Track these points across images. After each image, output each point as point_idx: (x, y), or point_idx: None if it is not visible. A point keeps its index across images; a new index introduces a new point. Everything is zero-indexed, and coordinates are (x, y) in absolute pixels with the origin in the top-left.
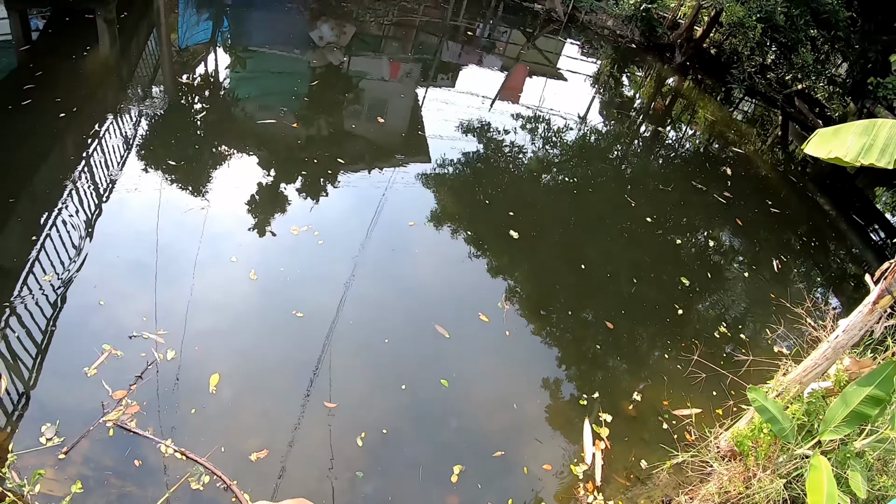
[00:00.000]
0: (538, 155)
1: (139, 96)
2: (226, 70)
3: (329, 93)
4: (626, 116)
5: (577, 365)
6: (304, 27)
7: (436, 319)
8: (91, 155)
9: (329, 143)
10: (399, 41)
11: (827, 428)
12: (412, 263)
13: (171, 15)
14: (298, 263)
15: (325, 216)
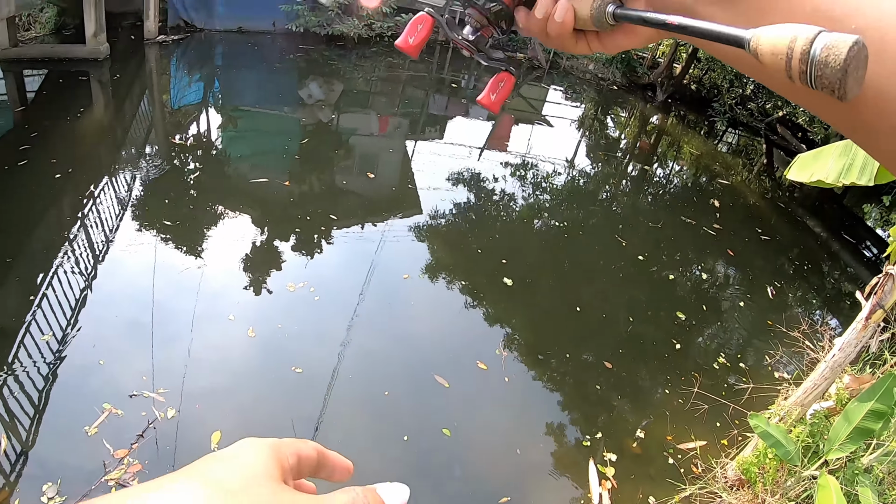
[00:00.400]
0: (529, 201)
1: (133, 157)
2: (218, 129)
3: (320, 149)
4: (613, 157)
5: (579, 406)
6: (294, 86)
7: (434, 370)
8: (87, 215)
9: (321, 199)
10: (386, 96)
11: (832, 447)
12: (409, 315)
13: (164, 76)
14: (296, 320)
15: (320, 272)
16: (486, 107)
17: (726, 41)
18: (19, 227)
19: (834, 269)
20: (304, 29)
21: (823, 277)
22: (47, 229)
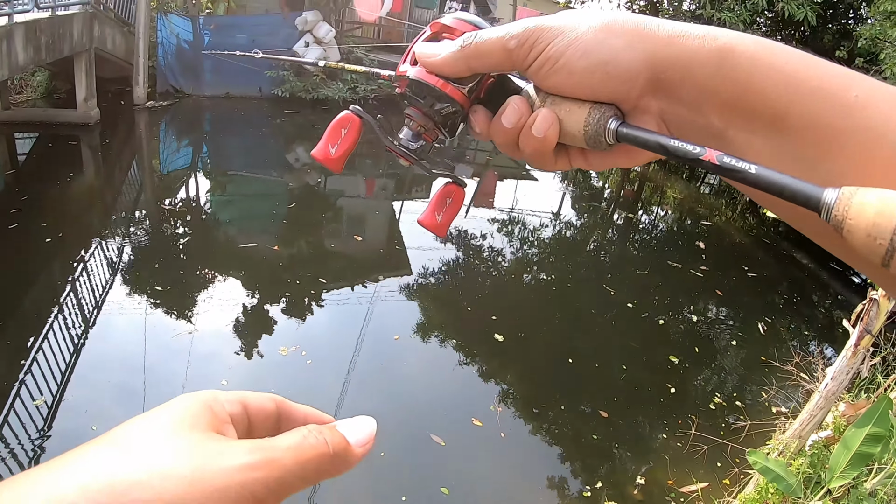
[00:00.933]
0: (517, 256)
1: (124, 221)
2: (206, 194)
3: (308, 213)
4: (598, 207)
5: (577, 457)
6: (281, 150)
7: (430, 428)
8: (77, 279)
9: (310, 263)
10: (372, 158)
11: (833, 475)
12: (401, 375)
13: (153, 141)
14: (289, 383)
15: (311, 335)
16: (431, 230)
17: (790, 197)
18: (10, 290)
19: (824, 298)
20: (290, 94)
21: (814, 308)
22: (38, 293)
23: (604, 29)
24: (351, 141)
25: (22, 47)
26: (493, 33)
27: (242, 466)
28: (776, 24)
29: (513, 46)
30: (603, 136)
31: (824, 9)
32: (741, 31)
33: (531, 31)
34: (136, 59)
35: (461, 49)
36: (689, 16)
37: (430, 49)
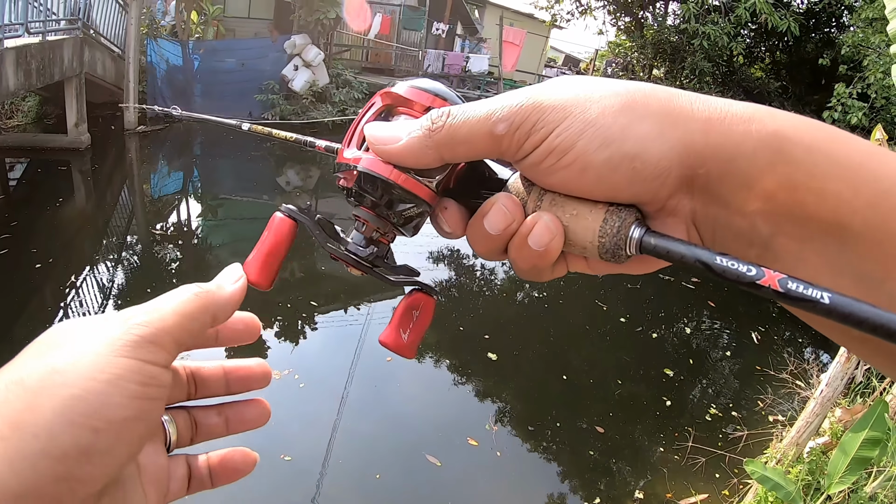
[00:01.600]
0: (509, 274)
1: (115, 246)
2: (198, 218)
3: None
4: None
5: (574, 474)
6: (271, 173)
7: (425, 449)
8: (69, 304)
9: (302, 285)
10: None
11: (832, 481)
12: (396, 396)
13: (144, 166)
14: (283, 407)
15: (304, 358)
16: (395, 352)
17: (887, 335)
18: (1, 317)
19: None
20: (280, 117)
21: None
22: (30, 319)
23: (625, 109)
24: (278, 255)
25: (12, 72)
26: (472, 112)
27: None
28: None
29: (502, 132)
30: (623, 249)
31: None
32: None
33: (526, 110)
34: (127, 83)
35: (429, 134)
36: (674, 30)
37: (386, 132)
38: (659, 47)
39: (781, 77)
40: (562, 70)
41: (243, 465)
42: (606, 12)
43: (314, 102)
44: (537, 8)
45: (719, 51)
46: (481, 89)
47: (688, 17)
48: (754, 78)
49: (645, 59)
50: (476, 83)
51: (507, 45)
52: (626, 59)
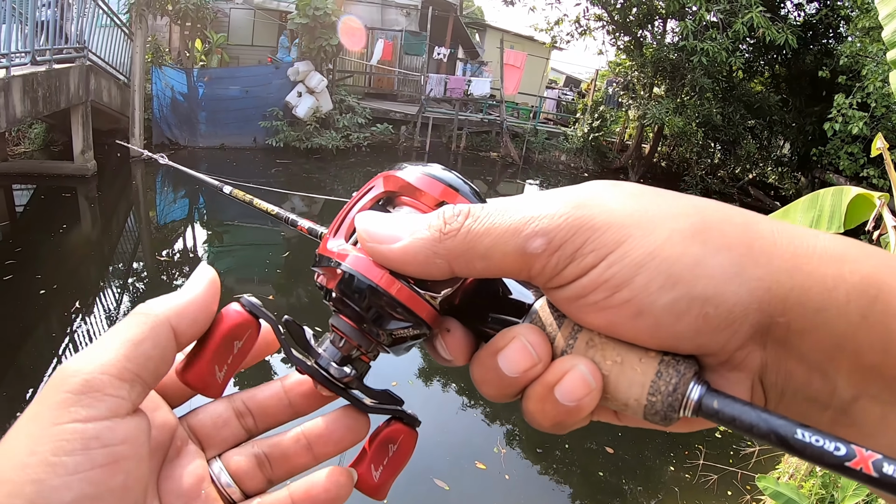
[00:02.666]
0: None
1: (121, 273)
2: (204, 245)
3: (304, 261)
4: None
5: (585, 495)
6: (277, 200)
7: (433, 473)
8: (75, 331)
9: (307, 310)
10: None
11: (846, 494)
12: None
13: (149, 193)
14: None
15: None
16: (365, 492)
17: None
18: (8, 342)
19: None
20: (284, 143)
21: None
22: (36, 345)
23: (697, 236)
24: (244, 357)
25: (19, 100)
26: (499, 217)
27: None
28: (758, 49)
29: (537, 251)
30: (677, 411)
31: (804, 31)
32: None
33: (573, 226)
34: (132, 111)
35: (440, 237)
36: (673, 48)
37: (383, 227)
38: (659, 65)
39: (781, 90)
40: (563, 91)
41: (337, 490)
42: (605, 32)
43: (318, 128)
44: (537, 30)
45: (718, 66)
46: (484, 112)
47: (686, 34)
48: (754, 92)
49: (645, 78)
50: (479, 106)
51: (508, 68)
52: (626, 79)
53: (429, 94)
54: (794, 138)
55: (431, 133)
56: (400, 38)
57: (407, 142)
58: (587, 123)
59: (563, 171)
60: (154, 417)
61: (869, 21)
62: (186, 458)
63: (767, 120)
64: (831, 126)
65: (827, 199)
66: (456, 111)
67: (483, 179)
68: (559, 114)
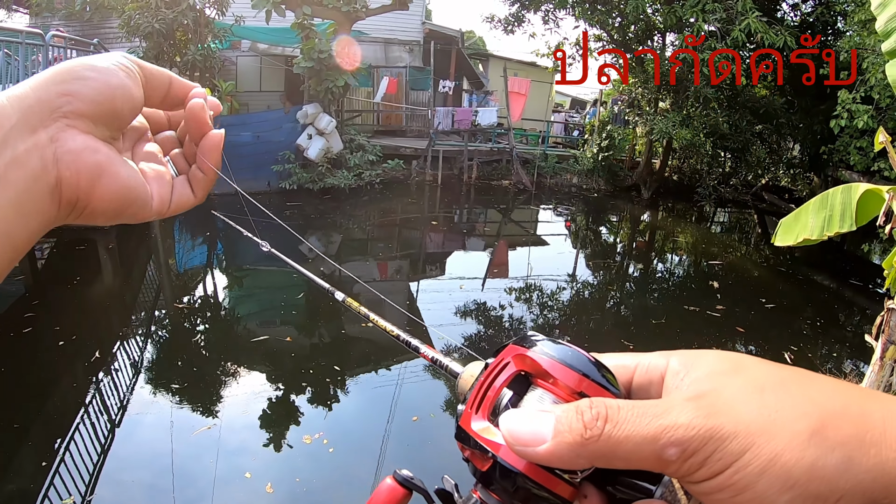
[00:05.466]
0: (537, 322)
1: (143, 321)
2: (225, 290)
3: (327, 301)
4: (612, 262)
5: None
6: (295, 241)
7: None
8: (101, 381)
9: (328, 350)
10: (384, 241)
11: None
12: (425, 454)
13: (168, 241)
14: (314, 472)
15: (333, 422)
16: None
17: None
18: (29, 393)
19: (851, 315)
20: (298, 185)
21: (841, 327)
22: (60, 395)
23: (814, 438)
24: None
25: None
26: (637, 425)
27: None
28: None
29: (672, 458)
30: None
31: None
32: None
33: (704, 436)
34: None
35: (583, 443)
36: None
37: (528, 430)
38: (661, 79)
39: (786, 92)
40: (569, 114)
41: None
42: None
43: (330, 169)
44: (539, 56)
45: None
46: (493, 141)
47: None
48: (759, 97)
49: (650, 94)
50: (487, 135)
51: (513, 96)
52: (630, 96)
53: (437, 127)
54: (803, 139)
55: (442, 165)
56: (405, 73)
57: (419, 176)
58: (596, 144)
59: (576, 193)
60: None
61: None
62: (150, 142)
63: (775, 123)
64: (837, 123)
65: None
66: (465, 142)
67: (497, 208)
68: (567, 137)
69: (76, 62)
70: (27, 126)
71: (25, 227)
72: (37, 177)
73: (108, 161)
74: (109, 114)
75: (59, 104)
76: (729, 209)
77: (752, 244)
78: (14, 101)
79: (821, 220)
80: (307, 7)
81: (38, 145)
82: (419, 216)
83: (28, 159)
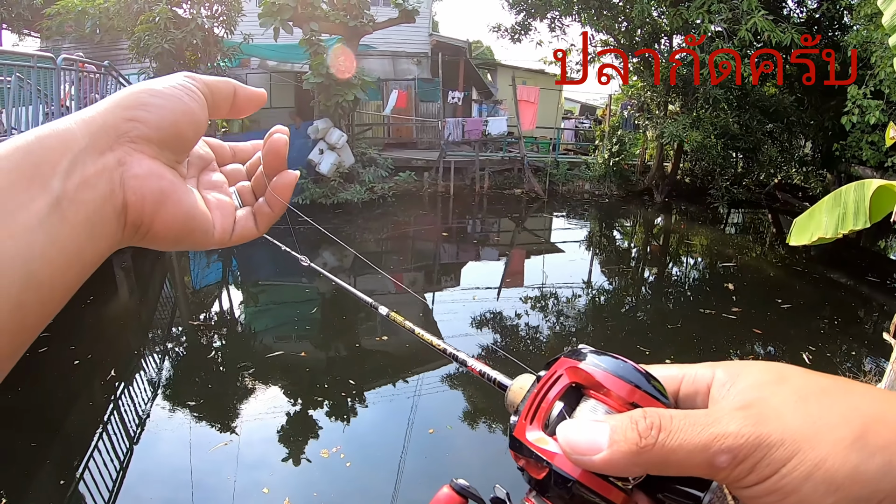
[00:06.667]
0: (553, 330)
1: (160, 339)
2: (240, 306)
3: (340, 315)
4: (627, 268)
5: None
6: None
7: None
8: (118, 398)
9: (343, 364)
10: (398, 254)
11: None
12: (449, 464)
13: (183, 258)
14: (331, 485)
15: (350, 436)
16: None
17: None
18: (46, 411)
19: (869, 312)
20: (311, 201)
21: (860, 325)
22: (78, 414)
23: (856, 443)
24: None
25: None
26: (689, 434)
27: None
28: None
29: (723, 464)
30: None
31: (808, 27)
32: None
33: (752, 444)
34: None
35: (638, 452)
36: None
37: (584, 440)
38: (661, 79)
39: (795, 90)
40: (579, 120)
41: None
42: (613, 56)
43: (342, 183)
44: (546, 63)
45: (730, 75)
46: (503, 150)
47: (692, 48)
48: (769, 96)
49: (658, 97)
50: (498, 145)
51: (522, 104)
52: (640, 100)
53: (447, 138)
54: (815, 136)
55: (454, 176)
56: (414, 86)
57: (431, 187)
58: (607, 149)
59: (589, 199)
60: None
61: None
62: (216, 172)
63: (785, 122)
64: (849, 119)
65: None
66: (476, 152)
67: (510, 217)
68: (578, 143)
69: (141, 87)
70: (96, 149)
71: (95, 248)
72: (105, 199)
73: (172, 187)
74: (174, 138)
75: (126, 129)
76: (742, 210)
77: (767, 244)
78: (82, 124)
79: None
80: (314, 23)
81: (107, 168)
82: (432, 227)
83: (97, 182)
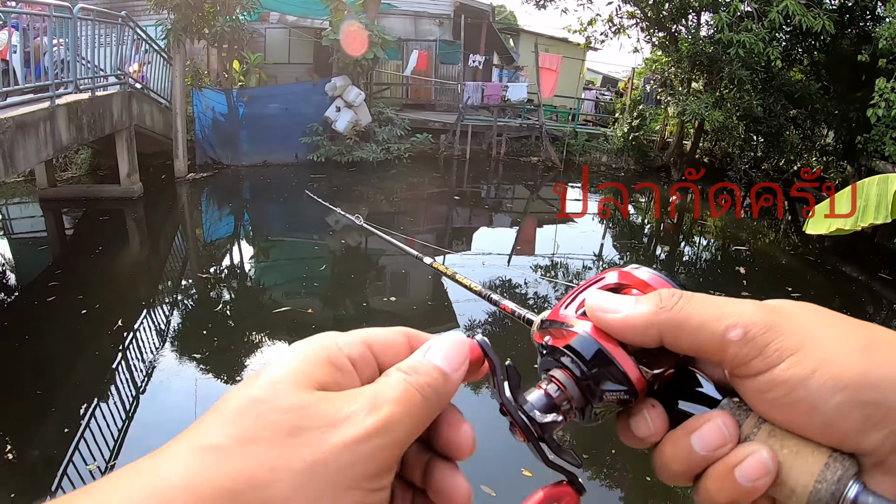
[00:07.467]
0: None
1: (170, 290)
2: (250, 261)
3: (351, 273)
4: (640, 243)
5: (633, 499)
6: (321, 214)
7: (480, 480)
8: (127, 348)
9: (353, 323)
10: (410, 214)
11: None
12: None
13: (195, 212)
14: None
15: None
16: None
17: None
18: (53, 360)
19: (879, 308)
20: (326, 158)
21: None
22: (84, 363)
23: (866, 350)
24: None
25: (65, 127)
26: (707, 306)
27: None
28: (795, 37)
29: (735, 338)
30: (837, 501)
31: (840, 15)
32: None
33: (764, 326)
34: (175, 133)
35: (657, 311)
36: (709, 41)
37: (610, 301)
38: (695, 60)
39: (822, 77)
40: (601, 91)
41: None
42: (640, 29)
43: (358, 142)
44: (571, 32)
45: (756, 57)
46: (522, 117)
47: (721, 26)
48: (794, 81)
49: (682, 74)
50: (517, 111)
51: (544, 72)
52: (663, 75)
53: (466, 101)
54: (838, 126)
55: (471, 140)
56: (434, 47)
57: (447, 150)
58: (627, 123)
59: (605, 172)
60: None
61: None
62: None
63: (809, 109)
64: (874, 113)
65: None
66: (494, 118)
67: (525, 184)
68: (598, 115)
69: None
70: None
71: None
72: None
73: None
74: None
75: None
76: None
77: (782, 232)
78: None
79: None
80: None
81: None
82: (446, 190)
83: None
